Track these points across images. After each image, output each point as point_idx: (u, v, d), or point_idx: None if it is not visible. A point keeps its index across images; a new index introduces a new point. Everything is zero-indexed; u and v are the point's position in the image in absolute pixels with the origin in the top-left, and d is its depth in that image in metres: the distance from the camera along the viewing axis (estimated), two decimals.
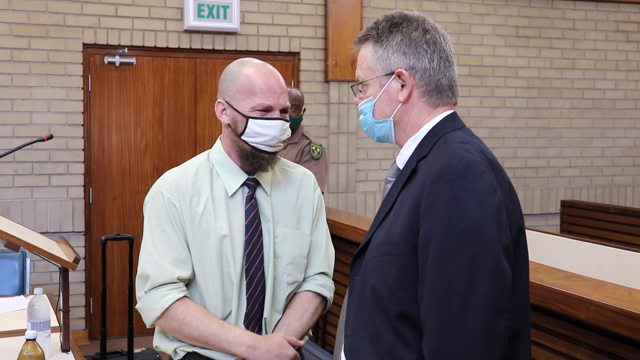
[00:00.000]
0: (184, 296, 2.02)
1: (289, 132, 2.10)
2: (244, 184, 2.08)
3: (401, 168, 1.64)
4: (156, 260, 2.03)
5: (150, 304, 2.03)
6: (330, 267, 2.26)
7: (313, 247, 2.20)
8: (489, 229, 1.39)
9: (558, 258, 4.39)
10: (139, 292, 2.07)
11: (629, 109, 7.47)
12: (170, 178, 2.09)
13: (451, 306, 1.37)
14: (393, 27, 1.64)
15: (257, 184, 2.10)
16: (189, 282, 2.08)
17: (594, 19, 7.26)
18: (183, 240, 2.03)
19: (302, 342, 2.08)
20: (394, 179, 1.65)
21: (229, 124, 2.06)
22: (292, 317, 2.13)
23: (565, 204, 7.12)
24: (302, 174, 2.25)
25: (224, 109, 2.07)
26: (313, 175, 2.29)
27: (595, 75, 7.31)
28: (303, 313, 2.15)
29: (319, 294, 2.20)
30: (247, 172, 2.09)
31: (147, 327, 2.12)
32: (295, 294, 2.19)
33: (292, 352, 2.01)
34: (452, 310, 1.37)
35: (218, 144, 2.14)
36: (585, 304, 2.28)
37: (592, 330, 2.33)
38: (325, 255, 2.24)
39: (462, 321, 1.36)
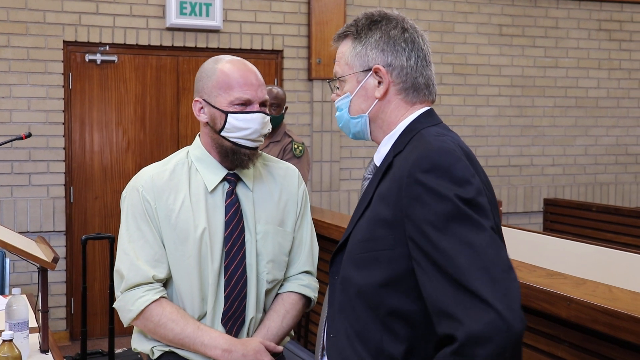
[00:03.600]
0: (161, 297, 2.00)
1: (270, 126, 2.07)
2: (225, 179, 2.06)
3: (378, 165, 1.64)
4: (131, 260, 2.01)
5: (126, 305, 2.01)
6: (314, 266, 2.24)
7: (297, 244, 2.18)
8: (473, 211, 1.40)
9: (541, 256, 4.40)
10: (117, 291, 2.06)
11: (612, 108, 7.53)
12: (147, 175, 2.07)
13: (485, 272, 1.35)
14: (372, 24, 1.65)
15: (238, 179, 2.07)
16: (166, 281, 2.06)
17: (576, 17, 7.30)
18: (159, 238, 2.01)
19: (280, 348, 2.05)
20: (371, 176, 1.65)
21: (207, 122, 2.04)
22: (274, 319, 2.11)
23: (548, 202, 7.16)
24: (286, 169, 2.23)
25: (202, 107, 2.05)
26: (297, 170, 2.27)
27: (578, 73, 7.36)
28: (284, 315, 2.13)
29: (302, 295, 2.19)
30: (228, 168, 2.07)
31: (125, 327, 2.10)
32: (277, 294, 2.17)
33: (268, 358, 1.99)
34: (490, 274, 1.34)
35: (197, 140, 2.12)
36: (566, 301, 2.29)
37: (573, 328, 2.34)
38: (309, 253, 2.22)
39: (498, 276, 1.35)
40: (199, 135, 2.12)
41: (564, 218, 6.93)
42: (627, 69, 7.56)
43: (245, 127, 1.99)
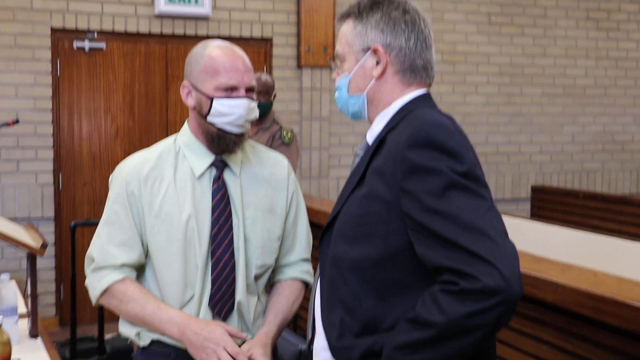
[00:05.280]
0: (126, 277, 2.01)
1: (257, 112, 2.06)
2: (212, 164, 2.06)
3: (370, 143, 1.65)
4: (102, 244, 2.03)
5: (92, 283, 2.04)
6: (310, 252, 2.24)
7: (294, 233, 2.18)
8: (469, 182, 1.42)
9: (528, 242, 4.43)
10: (86, 270, 2.08)
11: (599, 96, 7.56)
12: (132, 162, 2.07)
13: (477, 236, 1.37)
14: (374, 5, 1.66)
15: (225, 164, 2.07)
16: (145, 269, 2.06)
17: (564, 6, 7.32)
18: (134, 224, 2.01)
19: (244, 335, 2.01)
20: (362, 153, 1.66)
21: (194, 107, 2.04)
22: (284, 305, 2.11)
23: (535, 189, 7.19)
24: (276, 157, 2.22)
25: (189, 92, 2.04)
26: (287, 160, 2.26)
27: (566, 62, 7.38)
28: (294, 302, 2.13)
29: (303, 282, 2.19)
30: (215, 153, 2.07)
31: (93, 305, 2.12)
32: (281, 281, 2.16)
33: (231, 344, 1.93)
34: (491, 238, 1.37)
35: (185, 127, 2.12)
36: (552, 286, 2.32)
37: (559, 312, 2.37)
38: (307, 241, 2.22)
39: (493, 239, 1.37)
40: (187, 121, 2.12)
41: (551, 205, 6.96)
42: (615, 58, 7.59)
43: (230, 112, 1.98)
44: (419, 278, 1.47)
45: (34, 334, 2.63)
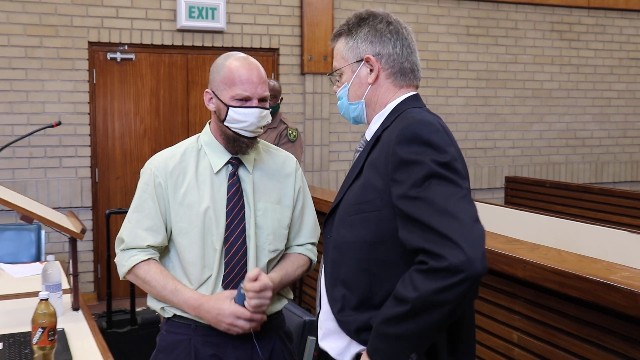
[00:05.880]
0: (150, 258, 2.02)
1: (269, 118, 2.05)
2: (228, 162, 2.06)
3: (368, 139, 1.65)
4: (132, 227, 2.03)
5: (121, 261, 2.04)
6: (317, 238, 2.24)
7: (302, 222, 2.17)
8: (448, 173, 1.41)
9: (502, 225, 4.44)
10: (116, 249, 2.08)
11: (563, 98, 7.54)
12: (161, 157, 2.07)
13: (448, 222, 1.36)
14: (361, 21, 1.66)
15: (240, 162, 2.07)
16: (169, 250, 2.07)
17: (532, 20, 7.29)
18: (160, 212, 2.02)
19: (248, 314, 1.94)
20: (362, 149, 1.67)
21: (214, 111, 2.04)
22: (289, 266, 2.11)
23: (508, 180, 7.19)
24: (285, 156, 2.21)
25: (211, 98, 2.04)
26: (295, 158, 2.25)
27: (534, 68, 7.36)
28: (297, 267, 2.12)
29: (308, 258, 2.18)
30: (231, 152, 2.07)
31: (120, 279, 2.12)
32: (287, 254, 2.16)
33: (242, 322, 1.93)
34: (460, 222, 1.35)
35: (207, 127, 2.12)
36: (522, 264, 2.31)
37: (528, 286, 2.37)
38: (313, 227, 2.21)
39: (462, 223, 1.36)
40: (209, 122, 2.12)
41: (522, 193, 6.96)
42: (576, 65, 7.57)
43: (243, 120, 1.97)
44: (405, 259, 1.47)
45: (75, 307, 2.64)
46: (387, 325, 1.43)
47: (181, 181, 2.02)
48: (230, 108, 1.97)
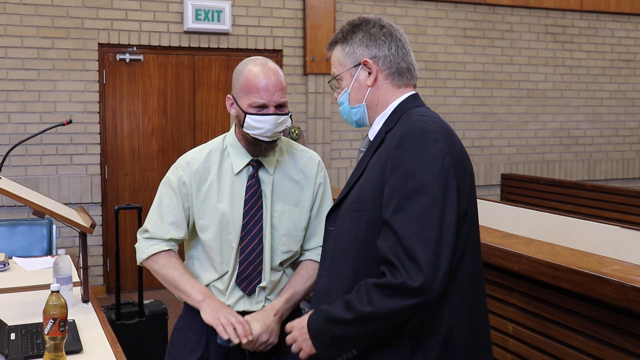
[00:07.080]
0: (170, 249, 2.04)
1: (288, 122, 1.99)
2: (249, 164, 2.05)
3: (372, 139, 1.65)
4: (157, 220, 2.05)
5: (142, 247, 2.06)
6: None
7: (318, 222, 2.11)
8: (436, 187, 1.41)
9: (498, 221, 4.44)
10: (139, 236, 2.09)
11: (557, 98, 7.53)
12: (187, 158, 2.07)
13: (417, 239, 1.38)
14: (355, 27, 1.66)
15: (260, 164, 2.05)
16: (195, 244, 2.09)
17: (527, 22, 7.28)
18: (182, 209, 2.03)
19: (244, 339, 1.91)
20: (365, 149, 1.67)
21: (236, 116, 2.03)
22: (299, 282, 2.07)
23: (504, 177, 7.18)
24: (309, 157, 2.15)
25: (232, 103, 2.02)
26: (319, 157, 2.19)
27: (529, 69, 7.35)
28: (307, 279, 2.08)
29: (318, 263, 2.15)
30: (253, 155, 2.06)
31: (138, 265, 2.12)
32: (300, 262, 2.13)
33: (247, 326, 1.92)
34: (430, 247, 1.37)
35: (232, 129, 2.10)
36: (517, 257, 2.32)
37: (523, 279, 2.37)
38: None
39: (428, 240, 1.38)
40: (235, 123, 2.10)
41: (518, 190, 6.95)
42: (569, 66, 7.55)
43: (260, 127, 1.94)
44: None
45: (85, 299, 2.64)
46: (333, 325, 1.49)
47: (204, 180, 2.03)
48: (247, 115, 1.95)
